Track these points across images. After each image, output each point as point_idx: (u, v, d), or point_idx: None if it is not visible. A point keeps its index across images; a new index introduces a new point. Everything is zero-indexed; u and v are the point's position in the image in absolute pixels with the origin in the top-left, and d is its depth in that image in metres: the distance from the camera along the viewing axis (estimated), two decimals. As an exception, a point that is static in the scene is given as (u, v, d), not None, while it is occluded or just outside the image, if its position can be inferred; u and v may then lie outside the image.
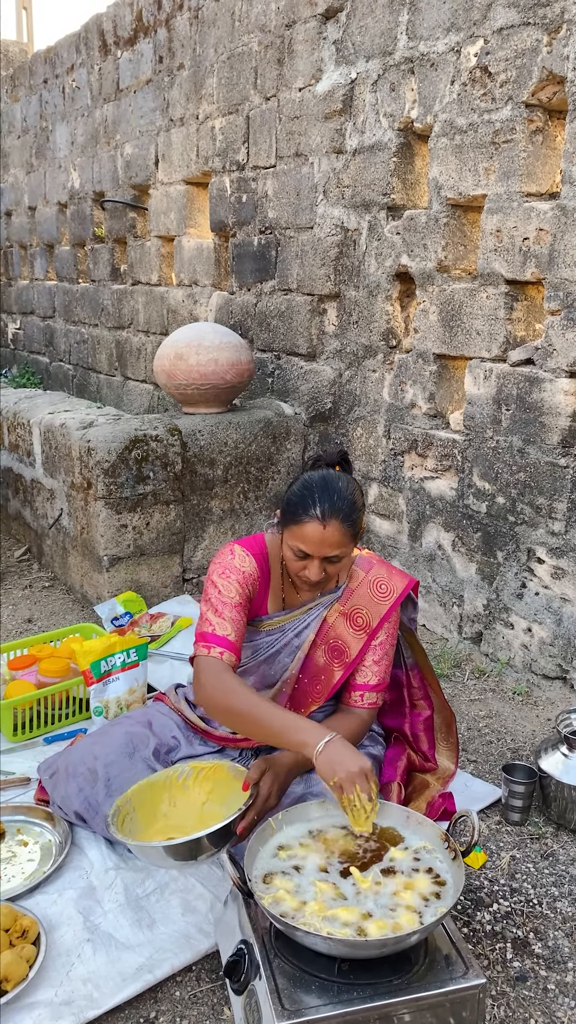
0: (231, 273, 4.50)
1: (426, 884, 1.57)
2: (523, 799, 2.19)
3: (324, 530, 1.86)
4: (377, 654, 2.08)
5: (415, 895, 1.54)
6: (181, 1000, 1.67)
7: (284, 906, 1.52)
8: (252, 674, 2.12)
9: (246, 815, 1.72)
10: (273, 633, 2.09)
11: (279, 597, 2.11)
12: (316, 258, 3.78)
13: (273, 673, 2.10)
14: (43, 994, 1.66)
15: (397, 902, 1.53)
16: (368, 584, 2.08)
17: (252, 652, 2.11)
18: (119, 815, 1.81)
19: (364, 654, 2.07)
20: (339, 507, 1.87)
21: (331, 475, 1.93)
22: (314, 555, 1.89)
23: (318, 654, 2.07)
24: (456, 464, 3.17)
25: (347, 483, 1.93)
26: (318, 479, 1.92)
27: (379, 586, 2.08)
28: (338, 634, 2.07)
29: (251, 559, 2.04)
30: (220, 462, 3.74)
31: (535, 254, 2.77)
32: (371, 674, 2.08)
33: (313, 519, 1.86)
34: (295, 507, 1.90)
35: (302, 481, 1.94)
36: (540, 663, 2.90)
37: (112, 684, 2.66)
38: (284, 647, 2.08)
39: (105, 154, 5.74)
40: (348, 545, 1.92)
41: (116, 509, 3.49)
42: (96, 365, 6.26)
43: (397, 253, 3.36)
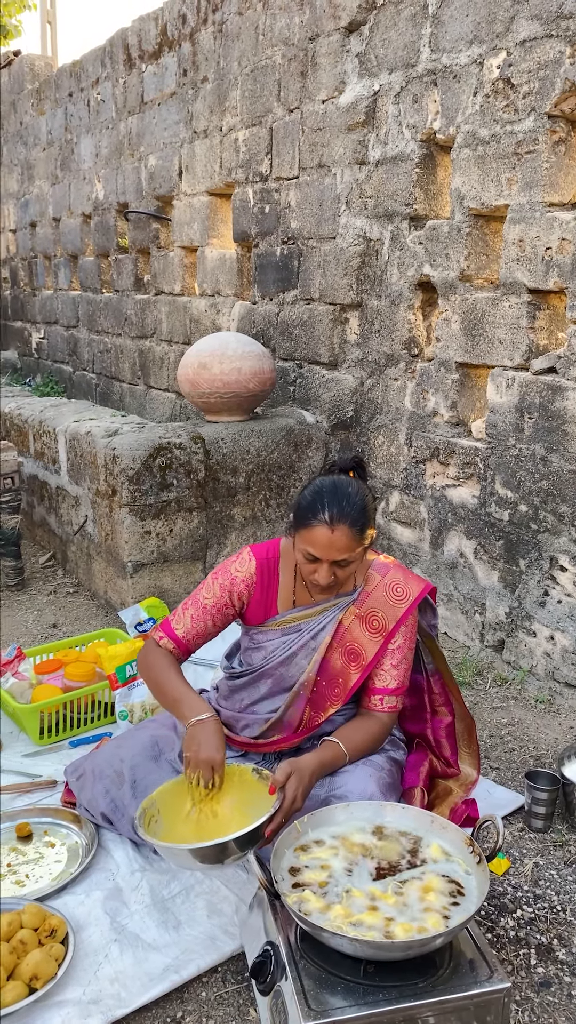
0: (253, 283, 4.55)
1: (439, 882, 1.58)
2: (546, 806, 2.20)
3: (332, 534, 1.89)
4: (395, 658, 2.09)
5: (437, 894, 1.55)
6: (207, 1000, 1.69)
7: (309, 907, 1.54)
8: (270, 677, 2.14)
9: (274, 819, 1.74)
10: (289, 632, 2.11)
11: (290, 598, 2.13)
12: (338, 268, 3.82)
13: (290, 676, 2.12)
14: (72, 993, 1.69)
15: (425, 907, 1.54)
16: (384, 587, 2.10)
17: (267, 654, 2.13)
18: (145, 816, 1.83)
19: (381, 657, 2.08)
20: (348, 512, 1.90)
21: (342, 480, 1.96)
22: (323, 559, 1.93)
23: (335, 656, 2.09)
24: (478, 472, 3.19)
25: (357, 488, 1.95)
26: (328, 484, 1.95)
27: (395, 589, 2.10)
28: (354, 637, 2.08)
29: (252, 563, 2.10)
30: (242, 470, 3.77)
31: (558, 263, 2.79)
32: (390, 678, 2.09)
33: (322, 523, 1.89)
34: (305, 511, 1.93)
35: (313, 486, 1.98)
36: (563, 671, 2.90)
37: (137, 689, 2.69)
38: (300, 649, 2.10)
39: (129, 166, 5.81)
40: (357, 550, 1.95)
41: (140, 516, 3.52)
42: (119, 374, 6.32)
43: (419, 263, 3.39)
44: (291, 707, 2.10)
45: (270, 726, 2.13)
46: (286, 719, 2.12)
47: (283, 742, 2.13)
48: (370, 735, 2.07)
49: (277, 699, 2.14)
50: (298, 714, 2.10)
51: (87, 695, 2.72)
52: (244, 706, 2.19)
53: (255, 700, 2.17)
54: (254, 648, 2.15)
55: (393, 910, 1.54)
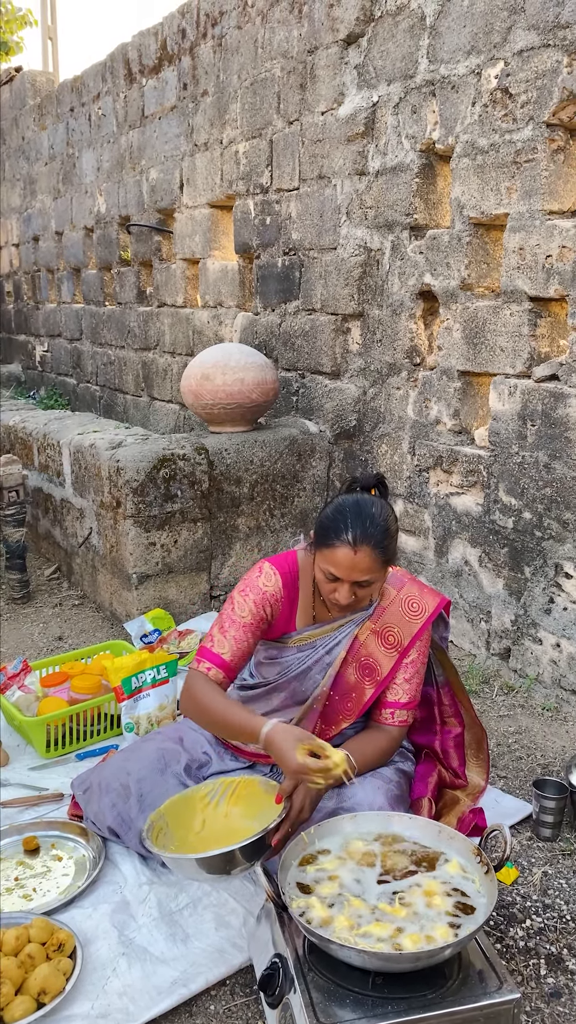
0: (255, 294, 4.56)
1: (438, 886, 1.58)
2: (554, 815, 2.19)
3: (355, 556, 1.87)
4: (408, 672, 2.09)
5: (444, 898, 1.55)
6: (216, 1014, 1.69)
7: (315, 917, 1.54)
8: (283, 691, 2.14)
9: (280, 828, 1.74)
10: (304, 649, 2.11)
11: (309, 614, 2.13)
12: (340, 278, 3.83)
13: (304, 690, 2.12)
14: (80, 1007, 1.68)
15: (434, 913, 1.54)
16: (400, 602, 2.09)
17: (283, 669, 2.13)
18: (153, 829, 1.83)
19: (395, 672, 2.08)
20: (371, 533, 1.88)
21: (365, 499, 1.94)
22: (344, 579, 1.91)
23: (349, 671, 2.09)
24: (482, 480, 3.19)
25: (381, 508, 1.94)
26: (351, 503, 1.93)
27: (411, 604, 2.09)
28: (369, 652, 2.08)
29: (277, 578, 2.07)
30: (246, 480, 3.78)
31: (558, 271, 2.79)
32: (402, 692, 2.09)
33: (344, 544, 1.87)
34: (327, 530, 1.91)
35: (336, 504, 1.96)
36: (569, 678, 2.90)
37: (143, 700, 2.69)
38: (315, 663, 2.10)
39: (131, 179, 5.85)
40: (379, 571, 1.94)
41: (145, 527, 3.53)
42: (123, 386, 6.34)
43: (420, 272, 3.40)
44: (303, 721, 2.10)
45: None
46: None
47: None
48: (379, 749, 2.06)
49: (289, 712, 2.14)
50: (310, 728, 2.10)
51: (93, 707, 2.72)
52: None
53: (267, 712, 2.17)
54: (269, 663, 2.15)
55: (401, 919, 1.54)
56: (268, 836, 1.71)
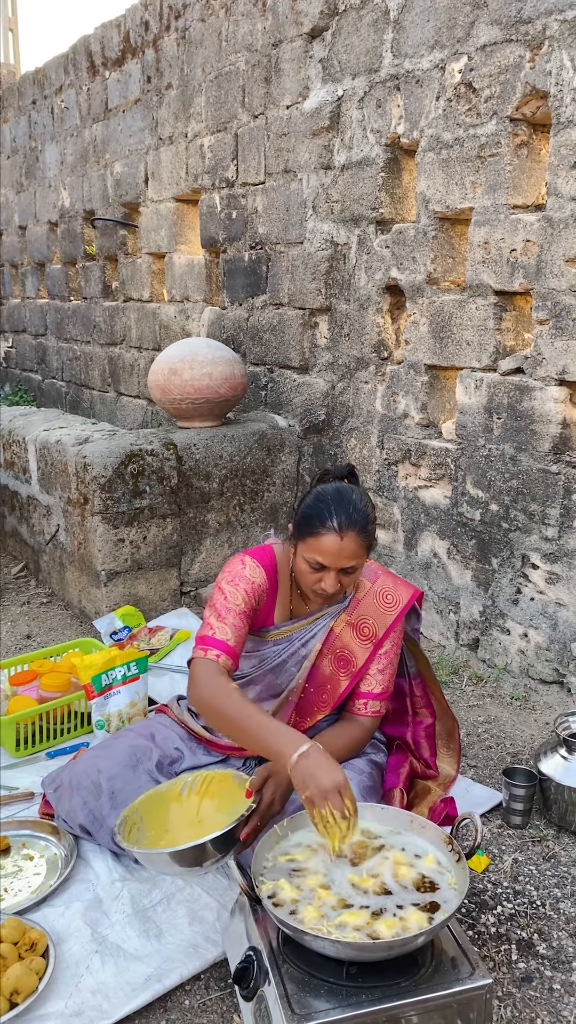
0: (222, 288, 4.55)
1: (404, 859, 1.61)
2: (524, 802, 2.22)
3: (342, 541, 1.89)
4: (382, 663, 2.10)
5: (410, 870, 1.58)
6: (191, 1008, 1.68)
7: (285, 898, 1.55)
8: (259, 683, 2.14)
9: (249, 821, 1.74)
10: (280, 643, 2.12)
11: (287, 608, 2.14)
12: (307, 272, 3.83)
13: (280, 683, 2.12)
14: (53, 1006, 1.67)
15: (400, 885, 1.56)
16: (374, 594, 2.11)
17: (259, 662, 2.13)
18: (126, 825, 1.83)
19: (370, 663, 2.09)
20: (355, 519, 1.90)
21: (345, 487, 1.96)
22: (331, 567, 1.91)
23: (324, 663, 2.09)
24: (449, 473, 3.21)
25: (360, 495, 1.96)
26: (332, 491, 1.94)
27: (385, 596, 2.11)
28: (344, 644, 2.09)
29: (261, 570, 2.07)
30: (216, 475, 3.76)
31: (523, 265, 2.82)
32: (375, 683, 2.10)
33: (331, 531, 1.89)
34: (311, 519, 1.92)
35: (316, 494, 1.97)
36: (537, 668, 2.93)
37: (113, 698, 2.67)
38: (291, 656, 2.11)
39: (95, 173, 5.79)
40: (363, 556, 1.96)
41: (113, 524, 3.51)
42: (89, 382, 6.29)
43: (387, 266, 3.41)
44: (277, 713, 2.10)
45: None
46: None
47: None
48: (351, 740, 2.07)
49: (264, 705, 2.14)
50: (284, 720, 2.10)
51: (63, 705, 2.70)
52: None
53: None
54: (245, 656, 2.15)
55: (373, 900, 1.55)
56: (238, 829, 1.71)
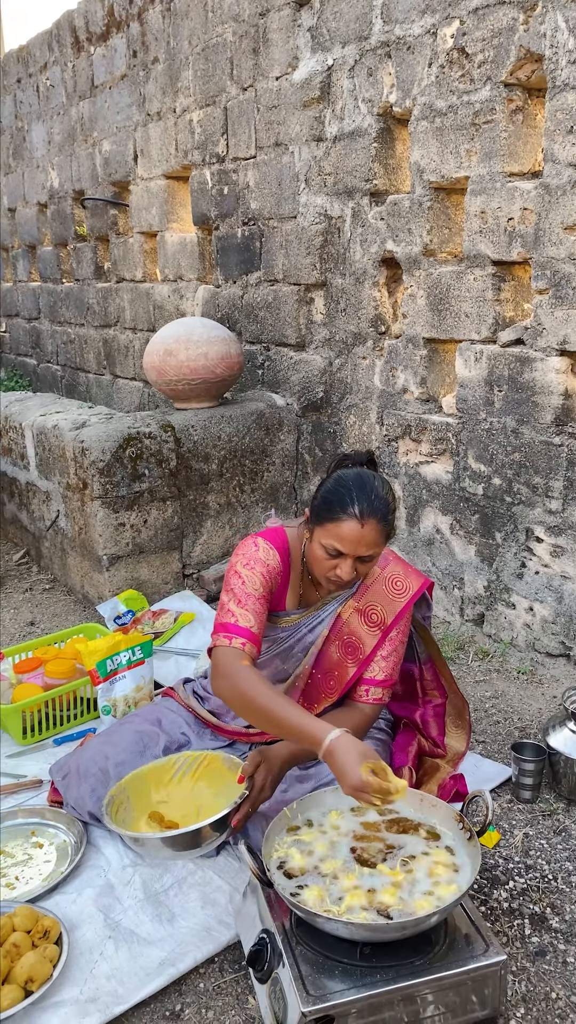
0: (216, 266, 4.49)
1: (446, 856, 1.59)
2: (533, 777, 2.21)
3: (362, 529, 1.84)
4: (387, 649, 2.07)
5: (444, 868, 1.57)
6: (205, 992, 1.69)
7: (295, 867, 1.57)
8: (266, 668, 2.12)
9: (241, 808, 1.74)
10: (288, 629, 2.10)
11: (296, 594, 2.11)
12: (301, 247, 3.78)
13: (286, 668, 2.11)
14: (68, 992, 1.67)
15: (435, 881, 1.55)
16: (384, 581, 2.08)
17: (267, 646, 2.11)
18: (113, 804, 1.83)
19: (377, 650, 2.07)
20: (376, 506, 1.86)
21: (366, 474, 1.92)
22: (349, 554, 1.87)
23: (332, 650, 2.07)
24: (451, 447, 3.18)
25: (382, 482, 1.92)
26: (354, 477, 1.90)
27: (395, 583, 2.08)
28: (352, 630, 2.06)
29: (275, 553, 2.02)
30: (215, 456, 3.74)
31: (520, 234, 2.77)
32: (378, 669, 2.07)
33: (352, 518, 1.84)
34: (332, 505, 1.87)
35: (337, 479, 1.92)
36: (543, 641, 2.92)
37: (119, 683, 2.66)
38: (298, 642, 2.09)
39: (83, 152, 5.71)
40: (382, 545, 1.91)
41: (113, 508, 3.48)
42: (84, 365, 6.24)
43: (382, 239, 3.36)
44: None
45: None
46: None
47: None
48: (351, 726, 2.05)
49: None
50: None
51: (68, 692, 2.69)
52: None
53: None
54: None
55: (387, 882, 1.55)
56: (229, 816, 1.72)
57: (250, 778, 1.79)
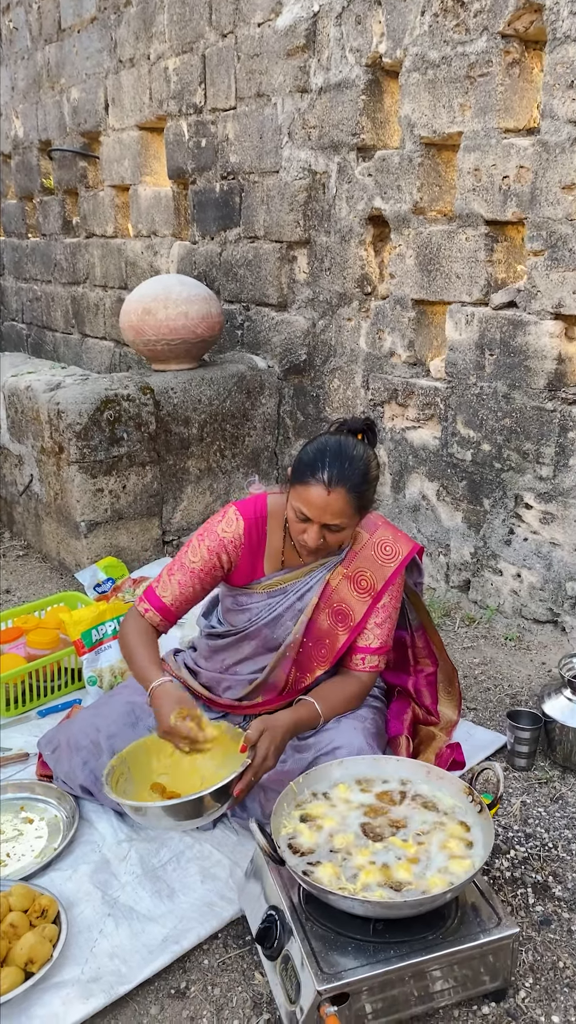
0: (192, 222, 4.35)
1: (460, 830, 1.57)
2: (529, 745, 2.21)
3: (328, 496, 1.80)
4: (380, 616, 2.04)
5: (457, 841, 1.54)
6: (210, 968, 1.66)
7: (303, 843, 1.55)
8: (254, 638, 2.07)
9: (244, 777, 1.70)
10: (274, 595, 2.05)
11: (278, 559, 2.06)
12: (283, 203, 3.66)
13: (276, 637, 2.06)
14: (69, 973, 1.63)
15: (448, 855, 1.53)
16: (373, 546, 2.03)
17: (252, 616, 2.06)
18: (113, 775, 1.78)
19: (368, 617, 2.03)
20: (348, 475, 1.81)
21: (348, 442, 1.86)
22: (314, 520, 1.84)
23: (322, 618, 2.03)
24: (439, 412, 3.13)
25: (363, 452, 1.86)
26: (333, 443, 1.85)
27: (384, 548, 2.04)
28: (342, 597, 2.02)
29: (239, 523, 2.00)
30: (195, 420, 3.64)
31: (516, 193, 2.70)
32: (373, 637, 2.04)
33: (319, 483, 1.80)
34: (304, 467, 1.83)
35: (318, 442, 1.87)
36: (530, 608, 2.91)
37: (105, 653, 2.61)
38: (286, 610, 2.04)
39: (50, 100, 5.46)
40: (352, 516, 1.86)
41: (91, 473, 3.39)
42: (52, 323, 6.05)
43: (369, 196, 3.26)
44: (276, 669, 2.05)
45: (254, 688, 2.08)
46: (271, 681, 2.07)
47: (268, 704, 2.08)
48: (348, 695, 2.03)
49: (261, 659, 2.08)
50: (283, 676, 2.05)
51: (52, 663, 2.62)
52: (226, 667, 2.13)
53: (237, 661, 2.11)
54: (238, 610, 2.08)
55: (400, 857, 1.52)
56: (232, 784, 1.68)
57: (252, 747, 1.75)
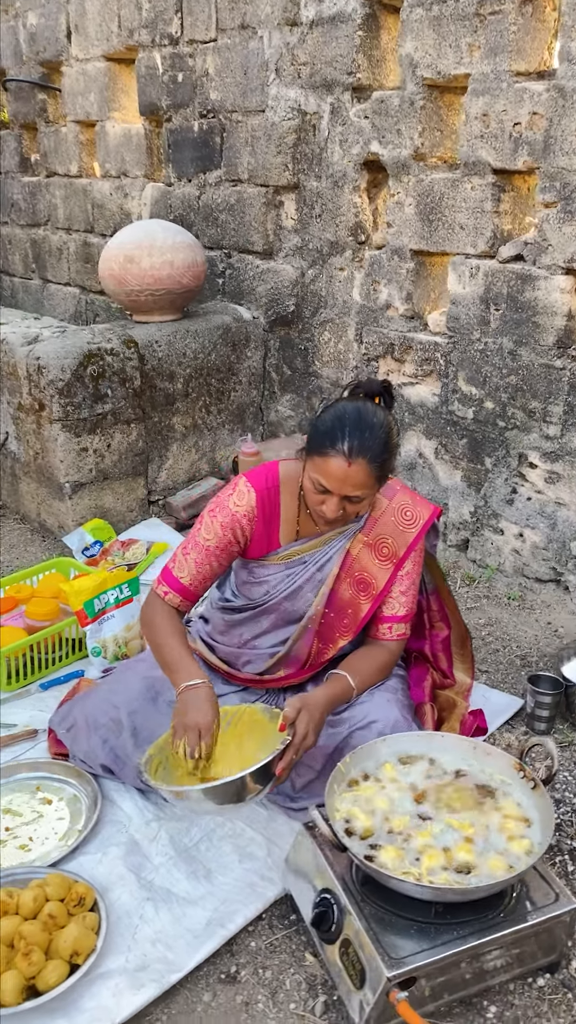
0: (167, 162, 4.13)
1: (515, 808, 1.56)
2: (550, 709, 2.21)
3: (349, 468, 1.72)
4: (404, 584, 2.00)
5: (514, 820, 1.53)
6: (258, 950, 1.63)
7: (358, 827, 1.53)
8: (273, 612, 2.01)
9: (284, 755, 1.66)
10: (293, 566, 1.98)
11: (293, 529, 1.99)
12: (270, 145, 3.48)
13: (296, 609, 2.00)
14: (114, 962, 1.59)
15: (506, 836, 1.51)
16: (393, 512, 1.98)
17: (270, 588, 2.00)
18: (152, 763, 1.73)
19: (391, 585, 1.99)
20: (369, 445, 1.73)
21: (367, 409, 1.78)
22: (334, 492, 1.77)
23: (343, 588, 1.98)
24: (439, 368, 3.06)
25: (383, 420, 1.78)
26: (352, 411, 1.76)
27: (404, 513, 1.98)
28: (363, 566, 1.97)
29: (251, 495, 1.92)
30: (180, 375, 3.51)
31: (528, 140, 2.60)
32: (399, 605, 2.00)
33: (339, 455, 1.72)
34: (322, 437, 1.75)
35: (335, 410, 1.78)
36: (532, 567, 2.91)
37: (108, 623, 2.52)
38: (307, 582, 1.98)
39: (3, 25, 5.09)
40: (372, 487, 1.80)
41: (75, 432, 3.24)
42: (9, 267, 5.75)
43: (366, 139, 3.12)
44: (299, 641, 2.00)
45: (276, 661, 2.03)
46: (293, 654, 2.02)
47: (291, 678, 2.04)
48: (378, 665, 1.99)
49: (281, 632, 2.03)
50: (306, 648, 2.00)
51: (53, 634, 2.52)
52: (244, 641, 2.07)
53: (256, 635, 2.05)
54: (255, 583, 2.01)
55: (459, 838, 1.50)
56: (273, 763, 1.64)
57: (291, 725, 1.71)
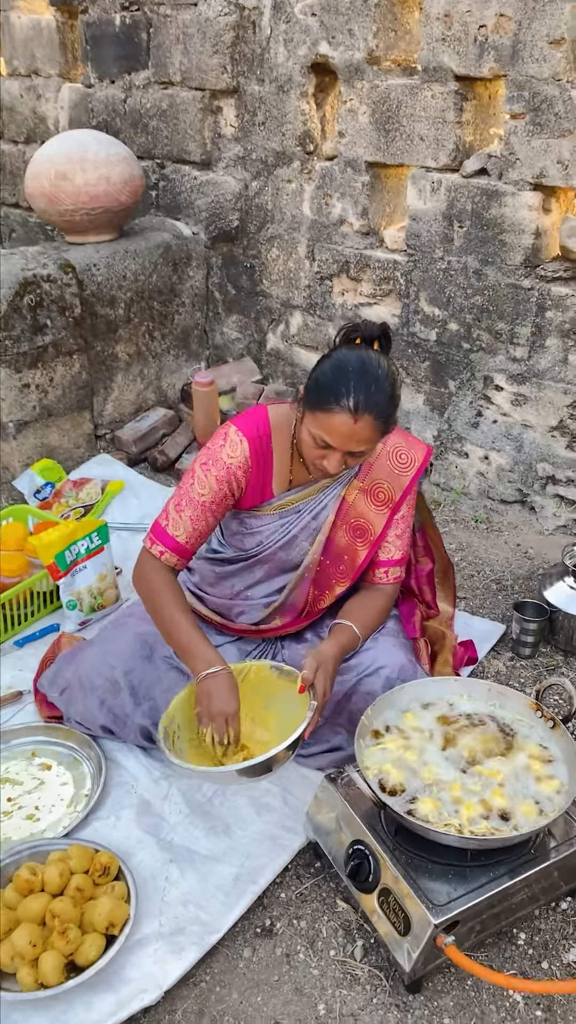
0: (86, 60, 3.77)
1: (538, 749, 1.60)
2: (535, 635, 2.27)
3: (355, 424, 1.64)
4: (399, 528, 1.97)
5: (539, 762, 1.56)
6: (290, 901, 1.66)
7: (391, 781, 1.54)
8: (267, 562, 1.96)
9: (312, 721, 1.65)
10: (287, 515, 1.92)
11: (286, 477, 1.92)
12: (205, 44, 3.21)
13: (291, 559, 1.96)
14: (148, 927, 1.59)
15: (534, 777, 1.54)
16: (387, 455, 1.93)
17: (263, 539, 1.94)
18: (168, 737, 1.68)
19: (387, 529, 1.96)
20: (375, 400, 1.64)
21: (371, 359, 1.67)
22: (338, 448, 1.69)
23: (339, 535, 1.94)
24: (398, 288, 2.97)
25: (387, 371, 1.68)
26: (355, 362, 1.66)
27: (399, 456, 1.93)
28: (359, 512, 1.93)
29: (244, 445, 1.82)
30: (121, 299, 3.30)
31: (494, 45, 2.47)
32: (394, 549, 1.98)
33: (344, 411, 1.63)
34: (325, 392, 1.65)
35: (337, 361, 1.68)
36: (498, 489, 2.93)
37: (80, 574, 2.43)
38: (301, 531, 1.93)
39: None
40: (376, 442, 1.73)
41: (15, 367, 3.03)
42: None
43: (313, 40, 2.90)
44: (295, 590, 1.96)
45: (272, 611, 1.99)
46: (290, 603, 1.98)
47: (288, 627, 2.01)
48: (378, 610, 1.98)
49: (275, 582, 1.98)
50: (303, 597, 1.97)
51: (25, 589, 2.42)
52: (236, 592, 2.02)
53: (249, 585, 2.00)
54: (247, 533, 1.94)
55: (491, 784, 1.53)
56: (304, 731, 1.62)
57: (311, 687, 1.69)
